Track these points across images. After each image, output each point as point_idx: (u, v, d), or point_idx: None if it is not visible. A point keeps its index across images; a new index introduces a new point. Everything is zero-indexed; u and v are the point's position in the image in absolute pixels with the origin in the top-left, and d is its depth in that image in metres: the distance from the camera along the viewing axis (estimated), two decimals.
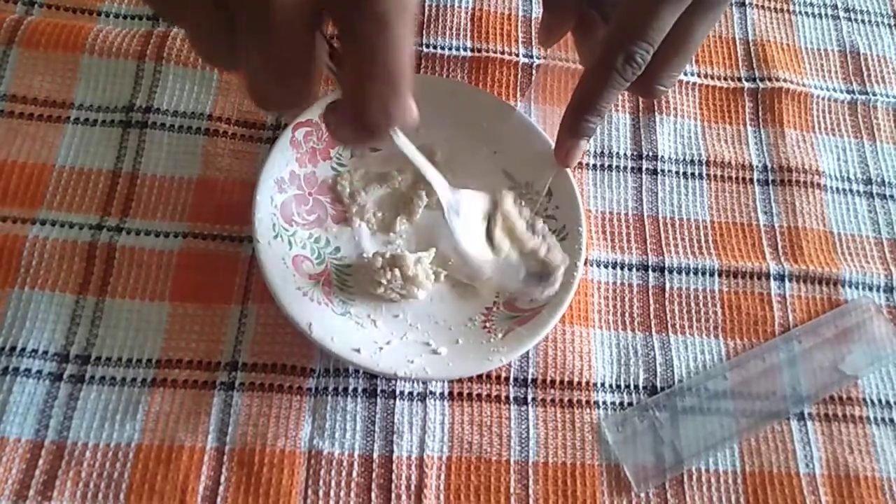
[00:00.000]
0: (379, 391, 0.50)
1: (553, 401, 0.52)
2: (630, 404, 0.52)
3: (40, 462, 0.46)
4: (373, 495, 0.47)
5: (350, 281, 0.53)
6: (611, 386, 0.53)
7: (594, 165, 0.61)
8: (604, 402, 0.52)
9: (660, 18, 0.45)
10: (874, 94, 0.67)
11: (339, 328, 0.49)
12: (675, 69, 0.49)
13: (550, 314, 0.50)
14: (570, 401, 0.52)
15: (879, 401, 0.54)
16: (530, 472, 0.49)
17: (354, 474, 0.48)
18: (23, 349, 0.49)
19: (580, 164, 0.60)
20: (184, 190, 0.55)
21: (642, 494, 0.49)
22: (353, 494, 0.47)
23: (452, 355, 0.49)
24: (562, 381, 0.52)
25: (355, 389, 0.50)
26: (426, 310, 0.52)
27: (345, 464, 0.48)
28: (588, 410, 0.52)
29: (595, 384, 0.52)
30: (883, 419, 0.54)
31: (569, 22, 0.54)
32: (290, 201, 0.52)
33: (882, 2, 0.72)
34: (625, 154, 0.61)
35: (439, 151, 0.57)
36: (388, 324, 0.51)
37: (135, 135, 0.56)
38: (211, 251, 0.53)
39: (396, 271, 0.51)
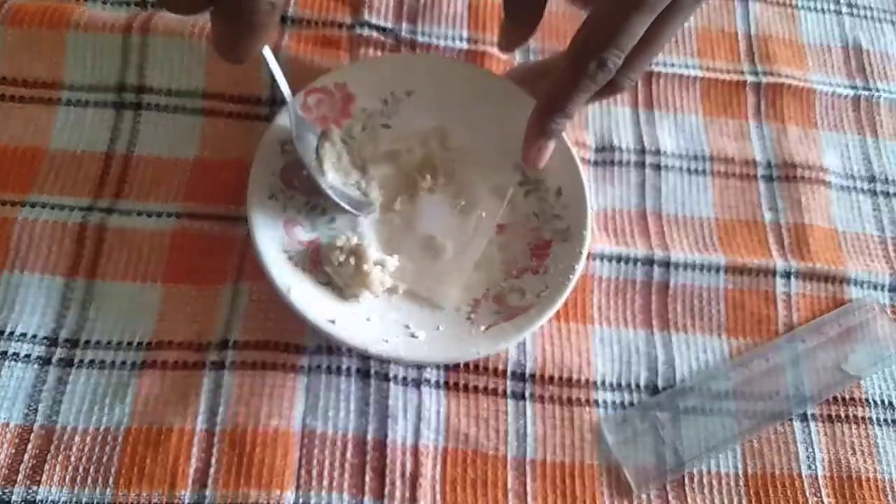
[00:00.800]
0: (372, 372, 0.50)
1: (552, 398, 0.51)
2: (631, 403, 0.51)
3: (29, 446, 0.46)
4: (367, 478, 0.47)
5: None
6: (611, 384, 0.52)
7: (596, 161, 0.60)
8: (604, 401, 0.51)
9: (634, 26, 0.45)
10: (877, 91, 0.66)
11: (318, 297, 0.48)
12: (641, 66, 0.49)
13: (539, 313, 0.49)
14: (568, 398, 0.51)
15: (882, 401, 0.54)
16: (528, 469, 0.49)
17: (348, 455, 0.47)
18: (11, 333, 0.48)
19: (582, 158, 0.59)
20: (179, 171, 0.54)
21: (643, 496, 0.49)
22: (347, 475, 0.47)
23: (430, 340, 0.49)
24: (560, 378, 0.51)
25: (349, 368, 0.50)
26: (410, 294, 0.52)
27: (338, 444, 0.47)
28: (587, 409, 0.51)
29: (594, 382, 0.52)
30: (886, 420, 0.53)
31: (530, 30, 0.55)
32: (293, 165, 0.52)
33: None
34: (627, 148, 0.60)
35: (451, 136, 0.57)
36: (370, 301, 0.50)
37: (129, 116, 0.56)
38: (205, 232, 0.52)
39: (351, 260, 0.50)
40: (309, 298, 0.47)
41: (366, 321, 0.49)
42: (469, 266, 0.53)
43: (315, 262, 0.50)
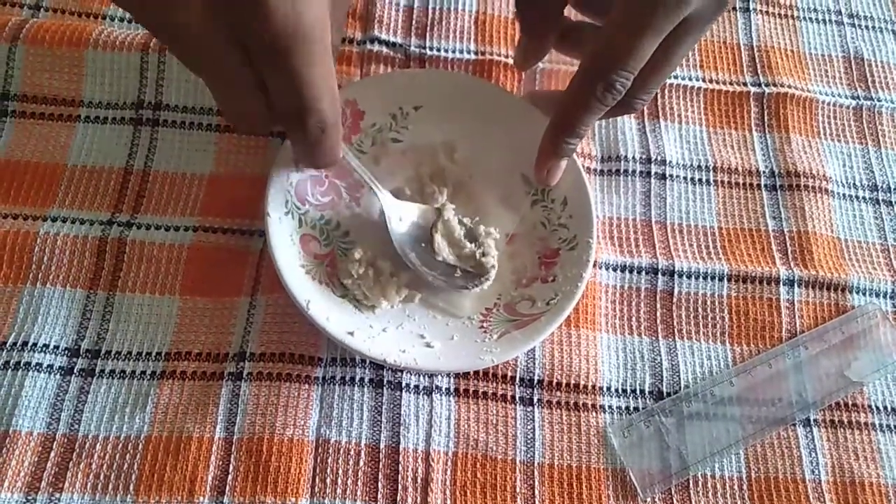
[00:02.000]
0: (385, 382, 0.51)
1: (559, 403, 0.52)
2: (636, 409, 0.52)
3: (52, 455, 0.47)
4: (379, 485, 0.48)
5: None
6: (617, 390, 0.53)
7: (602, 171, 0.61)
8: (609, 407, 0.52)
9: (641, 48, 0.45)
10: (879, 100, 0.67)
11: (336, 310, 0.49)
12: (652, 87, 0.49)
13: (548, 321, 0.50)
14: (575, 404, 0.52)
15: (885, 407, 0.54)
16: (536, 472, 0.49)
17: (361, 463, 0.48)
18: (34, 344, 0.49)
19: (588, 168, 0.60)
20: (195, 186, 0.55)
21: (648, 500, 0.49)
22: (360, 483, 0.48)
23: (445, 350, 0.50)
24: (568, 384, 0.52)
25: (362, 379, 0.51)
26: (426, 303, 0.53)
27: (352, 453, 0.48)
28: (594, 414, 0.52)
29: (601, 388, 0.52)
30: (888, 426, 0.54)
31: (546, 46, 0.56)
32: (306, 181, 0.53)
33: (885, 8, 0.72)
34: (633, 158, 0.61)
35: (459, 149, 0.58)
36: (386, 312, 0.52)
37: (146, 133, 0.57)
38: (222, 245, 0.53)
39: (370, 271, 0.51)
40: (327, 312, 0.48)
41: (382, 332, 0.50)
42: (450, 257, 0.54)
43: (331, 275, 0.52)
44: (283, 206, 0.51)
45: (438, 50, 0.64)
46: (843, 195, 0.62)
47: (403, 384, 0.51)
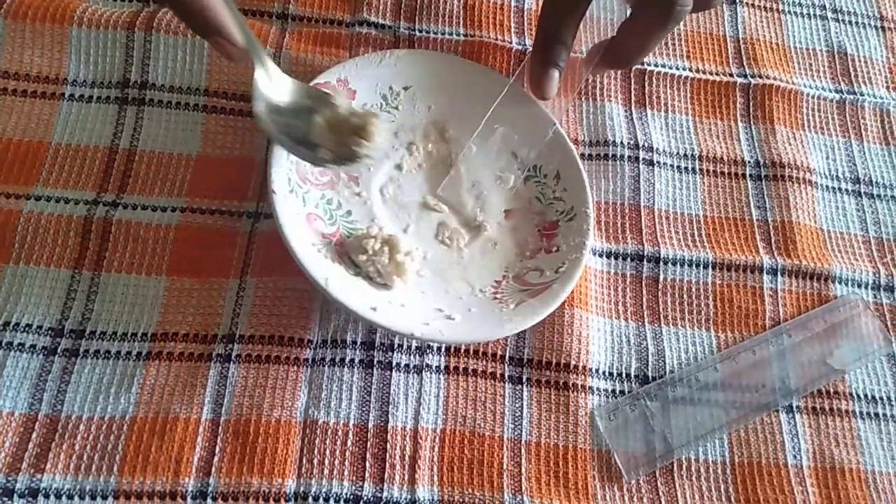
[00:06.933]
0: (376, 362, 0.51)
1: (547, 382, 0.52)
2: (622, 392, 0.53)
3: (34, 435, 0.46)
4: (367, 464, 0.48)
5: None
6: (604, 373, 0.53)
7: (590, 155, 0.61)
8: (596, 389, 0.52)
9: None
10: (861, 94, 0.68)
11: (354, 286, 0.49)
12: None
13: (561, 287, 0.50)
14: (564, 383, 0.52)
15: (865, 395, 0.55)
16: (523, 450, 0.50)
17: (349, 443, 0.48)
18: (17, 324, 0.49)
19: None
20: (182, 166, 0.55)
21: (633, 482, 0.50)
22: (347, 463, 0.47)
23: (466, 321, 0.50)
24: (557, 364, 0.52)
25: (352, 360, 0.51)
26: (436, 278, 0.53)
27: (340, 433, 0.48)
28: (582, 395, 0.52)
29: (591, 369, 0.53)
30: (868, 413, 0.54)
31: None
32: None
33: (868, 4, 0.73)
34: (621, 143, 0.61)
35: (451, 128, 0.58)
36: (399, 288, 0.51)
37: (132, 112, 0.56)
38: (209, 226, 0.53)
39: (386, 248, 0.51)
40: (346, 289, 0.47)
41: (401, 307, 0.49)
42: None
43: (341, 253, 0.51)
44: (286, 185, 0.50)
45: (428, 32, 0.64)
46: (827, 187, 0.63)
47: (394, 363, 0.51)
